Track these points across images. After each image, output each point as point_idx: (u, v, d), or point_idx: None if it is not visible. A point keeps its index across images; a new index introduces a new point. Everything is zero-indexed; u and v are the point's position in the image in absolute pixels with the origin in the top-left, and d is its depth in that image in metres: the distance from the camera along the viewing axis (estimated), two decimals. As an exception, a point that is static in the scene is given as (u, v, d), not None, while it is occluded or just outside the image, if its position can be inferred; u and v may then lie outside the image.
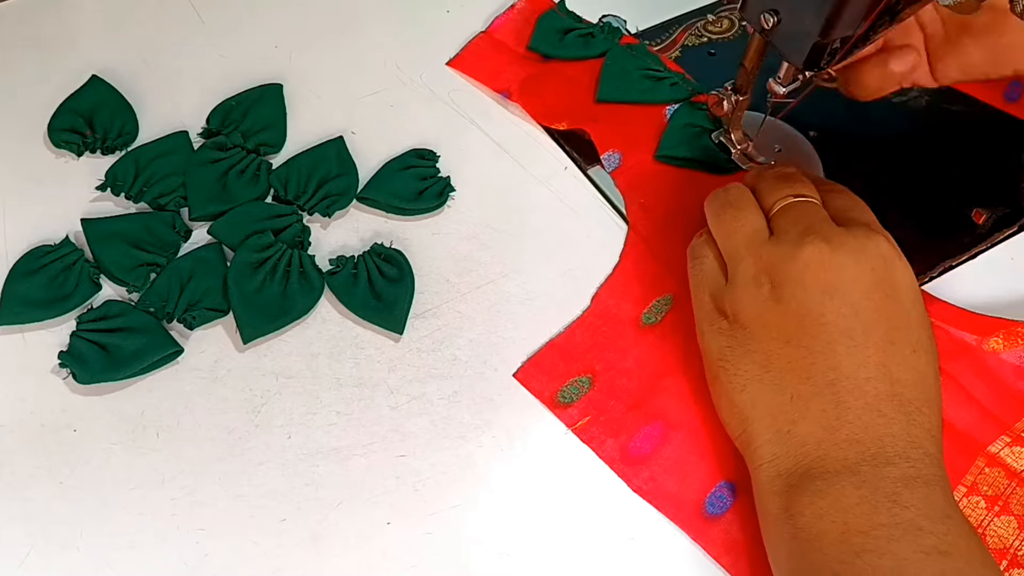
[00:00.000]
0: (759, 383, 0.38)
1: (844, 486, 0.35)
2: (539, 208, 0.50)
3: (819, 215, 0.40)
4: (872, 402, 0.36)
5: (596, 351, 0.44)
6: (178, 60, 0.56)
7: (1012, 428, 0.41)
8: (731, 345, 0.39)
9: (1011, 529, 0.39)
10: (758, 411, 0.38)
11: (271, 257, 0.45)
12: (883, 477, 0.35)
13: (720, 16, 0.59)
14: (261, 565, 0.38)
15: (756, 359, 0.39)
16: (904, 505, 0.34)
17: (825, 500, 0.35)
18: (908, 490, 0.34)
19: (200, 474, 0.40)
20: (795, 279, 0.38)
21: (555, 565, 0.39)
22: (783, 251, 0.38)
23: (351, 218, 0.49)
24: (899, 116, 0.54)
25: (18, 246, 0.47)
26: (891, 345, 0.37)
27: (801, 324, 0.37)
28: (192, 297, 0.45)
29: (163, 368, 0.43)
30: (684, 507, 0.40)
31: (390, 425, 0.42)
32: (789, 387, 0.37)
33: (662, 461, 0.41)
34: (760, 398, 0.38)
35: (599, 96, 0.53)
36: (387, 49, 0.57)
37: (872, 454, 0.35)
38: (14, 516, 0.39)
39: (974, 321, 0.44)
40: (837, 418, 0.36)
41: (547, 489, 0.41)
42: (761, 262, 0.39)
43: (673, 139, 0.52)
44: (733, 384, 0.39)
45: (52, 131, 0.51)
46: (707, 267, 0.42)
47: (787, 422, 0.37)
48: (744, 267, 0.39)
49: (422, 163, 0.50)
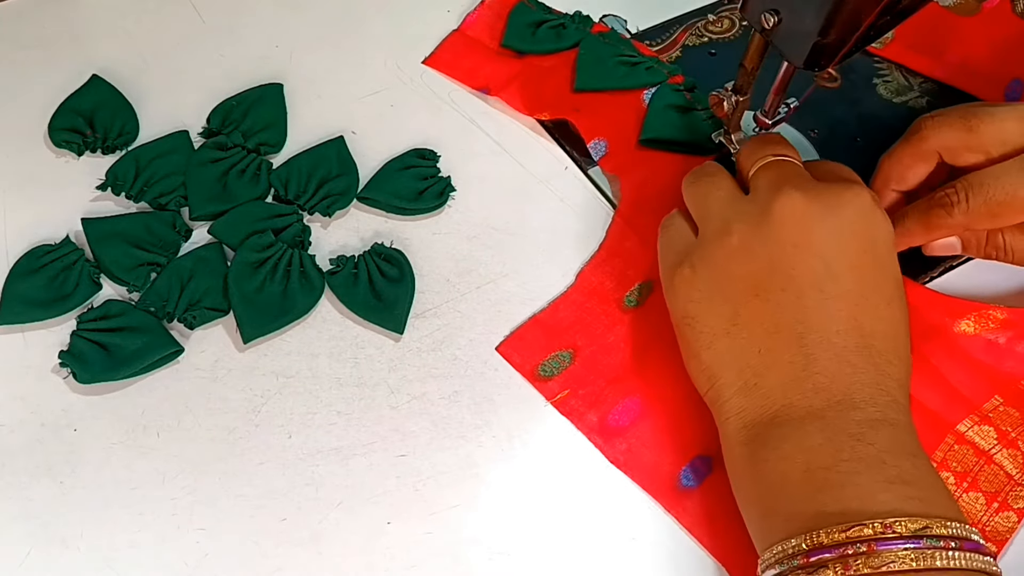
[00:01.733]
0: (726, 337, 0.38)
1: (808, 430, 0.35)
2: (539, 208, 0.50)
3: (796, 170, 0.40)
4: (841, 353, 0.36)
5: (578, 327, 0.45)
6: (179, 60, 0.56)
7: (980, 408, 0.42)
8: (696, 299, 0.39)
9: (979, 505, 0.40)
10: (725, 366, 0.38)
11: (271, 257, 0.45)
12: (847, 419, 0.35)
13: (720, 16, 0.59)
14: (261, 565, 0.38)
15: (723, 312, 0.38)
16: (868, 442, 0.34)
17: (789, 443, 0.35)
18: (873, 430, 0.35)
19: (200, 474, 0.40)
20: (765, 231, 0.38)
21: (555, 565, 0.39)
22: (756, 204, 0.39)
23: (351, 218, 0.49)
24: (899, 116, 0.54)
25: (18, 245, 0.47)
26: (863, 299, 0.37)
27: (770, 275, 0.37)
28: (192, 297, 0.45)
29: (163, 368, 0.43)
30: (658, 479, 0.41)
31: (390, 425, 0.42)
32: (757, 341, 0.37)
33: (639, 434, 0.42)
34: (728, 352, 0.38)
35: (577, 86, 0.53)
36: (388, 49, 0.57)
37: (838, 400, 0.35)
38: (14, 515, 0.39)
39: (946, 304, 0.45)
40: (804, 368, 0.36)
41: (547, 489, 0.41)
42: (733, 215, 0.39)
43: (655, 122, 0.52)
44: (700, 341, 0.39)
45: (52, 131, 0.51)
46: (675, 231, 0.42)
47: (754, 375, 0.37)
48: (714, 222, 0.40)
49: (422, 163, 0.50)
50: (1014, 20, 0.56)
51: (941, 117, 0.43)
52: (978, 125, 0.42)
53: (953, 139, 0.43)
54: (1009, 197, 0.40)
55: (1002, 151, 0.42)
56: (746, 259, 0.38)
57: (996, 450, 0.41)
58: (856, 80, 0.56)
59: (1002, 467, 0.40)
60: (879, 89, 0.56)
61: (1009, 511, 0.39)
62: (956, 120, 0.43)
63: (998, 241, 0.44)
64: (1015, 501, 0.40)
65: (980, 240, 0.44)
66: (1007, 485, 0.40)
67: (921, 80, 0.56)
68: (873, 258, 0.38)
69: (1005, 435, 0.41)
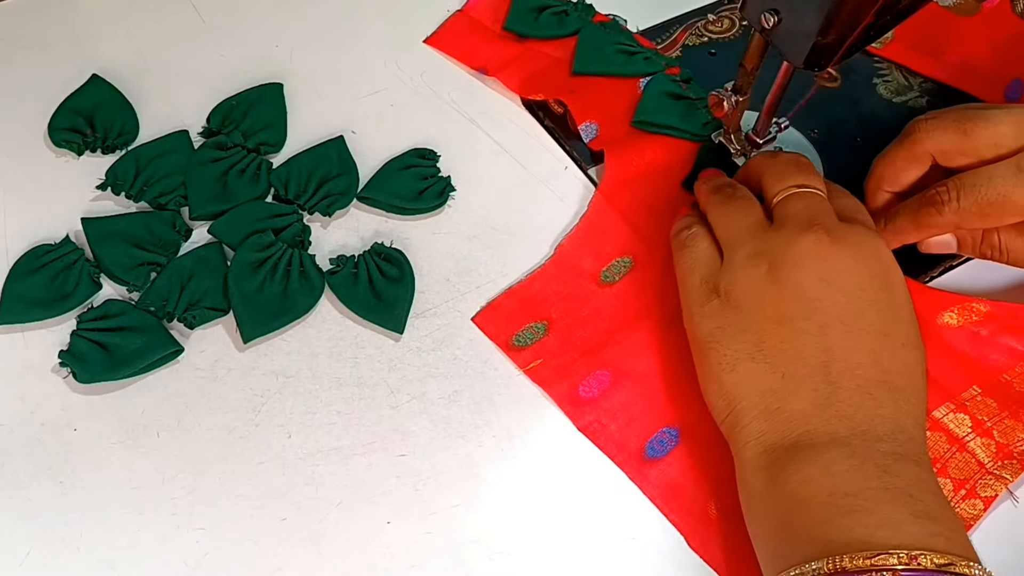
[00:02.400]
0: (750, 362, 0.38)
1: (834, 455, 0.35)
2: (539, 208, 0.50)
3: (824, 207, 0.41)
4: (863, 385, 0.37)
5: (554, 300, 0.46)
6: (179, 59, 0.56)
7: (957, 396, 0.43)
8: (722, 325, 0.39)
9: (947, 491, 0.40)
10: (747, 389, 0.38)
11: (271, 256, 0.45)
12: (873, 450, 0.35)
13: (720, 16, 0.59)
14: (261, 564, 0.38)
15: (748, 338, 0.39)
16: (895, 474, 0.34)
17: (813, 467, 0.35)
18: (899, 463, 0.35)
19: (200, 473, 0.40)
20: (794, 262, 0.38)
21: (555, 565, 0.39)
22: (785, 236, 0.39)
23: (351, 218, 0.49)
24: (899, 116, 0.54)
25: (18, 245, 0.47)
26: (883, 336, 0.38)
27: (796, 305, 0.38)
28: (192, 296, 0.45)
29: (163, 367, 0.43)
30: (625, 449, 0.41)
31: (390, 424, 0.42)
32: (781, 366, 0.38)
33: (608, 405, 0.42)
34: (750, 377, 0.38)
35: (575, 69, 0.54)
36: (388, 49, 0.57)
37: (863, 430, 0.36)
38: (14, 515, 0.39)
39: (930, 296, 0.46)
40: (828, 396, 0.36)
41: (547, 488, 0.41)
42: (761, 244, 0.40)
43: (649, 106, 0.53)
44: (723, 364, 0.39)
45: (52, 130, 0.51)
46: (700, 252, 0.42)
47: (777, 399, 0.37)
48: (744, 249, 0.40)
49: (422, 163, 0.50)
50: (1014, 20, 0.56)
51: (935, 120, 0.44)
52: (972, 128, 0.42)
53: (947, 142, 0.43)
54: (1001, 198, 0.41)
55: (995, 154, 0.42)
56: (773, 289, 0.38)
57: (970, 438, 0.41)
58: (856, 80, 0.56)
59: (974, 455, 0.41)
60: (879, 89, 0.56)
61: (976, 499, 0.40)
62: (950, 123, 0.43)
63: (993, 240, 0.44)
64: (983, 489, 0.40)
65: (976, 239, 0.45)
66: (977, 473, 0.40)
67: (921, 80, 0.56)
68: (891, 300, 0.38)
69: (980, 424, 0.42)
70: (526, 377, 0.43)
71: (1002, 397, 0.43)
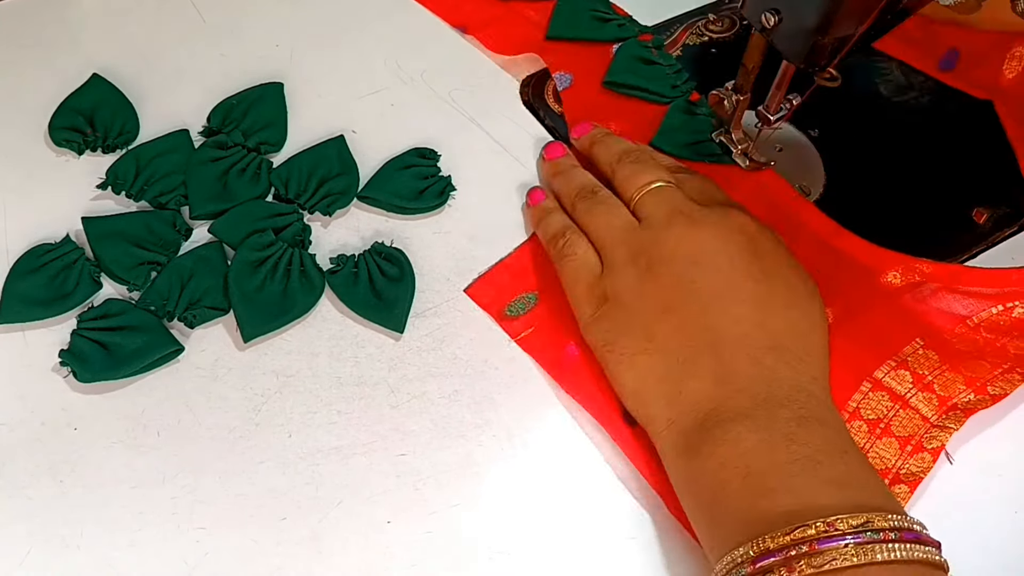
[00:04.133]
0: (645, 355, 0.40)
1: (740, 431, 0.36)
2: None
3: (678, 197, 0.43)
4: (754, 353, 0.38)
5: (543, 270, 0.47)
6: (179, 59, 0.56)
7: (900, 352, 0.43)
8: (612, 327, 0.41)
9: (892, 450, 0.40)
10: (648, 382, 0.40)
11: (272, 256, 0.45)
12: (777, 418, 0.36)
13: (721, 15, 0.59)
14: (261, 564, 0.38)
15: (638, 333, 0.40)
16: (801, 442, 0.35)
17: (724, 447, 0.36)
18: (803, 429, 0.35)
19: (200, 473, 0.40)
20: (667, 253, 0.41)
21: (555, 564, 0.39)
22: (653, 234, 0.42)
23: (352, 217, 0.49)
24: (899, 115, 0.54)
25: (19, 244, 0.47)
26: (762, 303, 0.39)
27: (676, 292, 0.40)
28: (193, 296, 0.45)
29: (163, 367, 0.43)
30: (607, 410, 0.42)
31: (390, 424, 0.42)
32: (673, 353, 0.39)
33: (593, 367, 0.43)
34: (648, 369, 0.40)
35: (549, 34, 0.56)
36: (388, 48, 0.57)
37: (763, 399, 0.37)
38: (14, 515, 0.39)
39: (876, 254, 0.46)
40: (723, 372, 0.38)
41: (547, 488, 0.41)
42: (635, 245, 0.42)
43: (620, 67, 0.54)
44: (621, 363, 0.40)
45: (53, 130, 0.51)
46: (580, 260, 0.44)
47: (676, 384, 0.39)
48: (621, 251, 0.42)
49: (423, 162, 0.50)
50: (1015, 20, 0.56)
51: None
52: None
53: None
54: None
55: None
56: (653, 282, 0.41)
57: (911, 394, 0.42)
58: (856, 79, 0.56)
59: (917, 410, 0.41)
60: (880, 88, 0.56)
61: (923, 452, 0.40)
62: None
63: None
64: (929, 442, 0.40)
65: None
66: (922, 428, 0.41)
67: (922, 79, 0.56)
68: (763, 268, 0.40)
69: (921, 378, 0.42)
70: (528, 384, 0.43)
71: (943, 350, 0.43)
